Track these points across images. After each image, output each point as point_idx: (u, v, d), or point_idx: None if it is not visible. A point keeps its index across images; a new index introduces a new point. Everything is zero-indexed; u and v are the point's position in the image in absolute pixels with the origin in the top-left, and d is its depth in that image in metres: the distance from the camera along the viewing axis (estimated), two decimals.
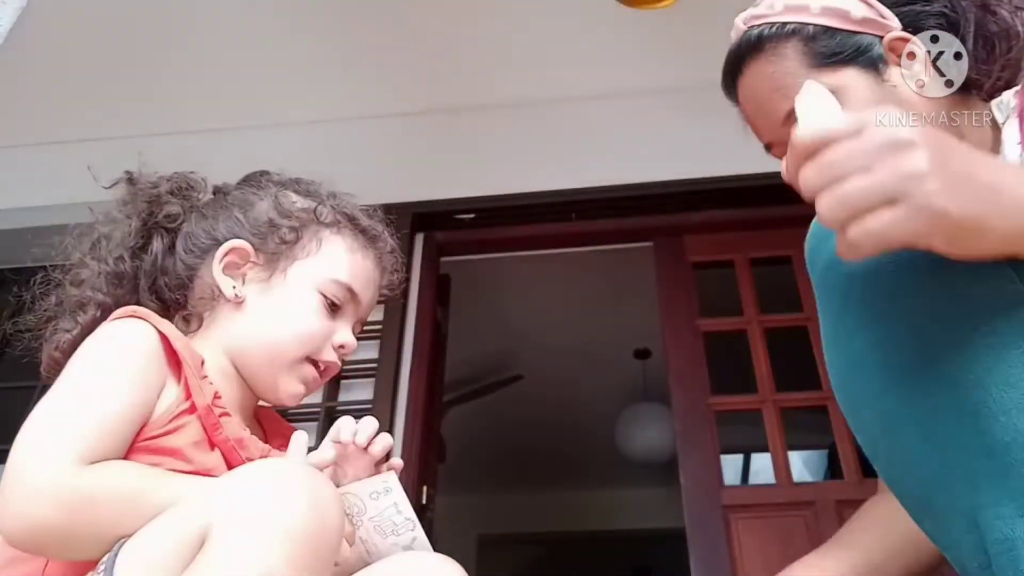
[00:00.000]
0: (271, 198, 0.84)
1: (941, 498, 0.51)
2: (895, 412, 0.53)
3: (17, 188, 2.74)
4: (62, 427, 0.63)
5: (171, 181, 0.83)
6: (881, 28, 0.80)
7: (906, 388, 0.52)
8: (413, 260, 2.48)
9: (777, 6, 0.84)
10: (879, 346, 0.53)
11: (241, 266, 0.78)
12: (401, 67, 2.69)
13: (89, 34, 2.57)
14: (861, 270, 0.53)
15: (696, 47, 2.68)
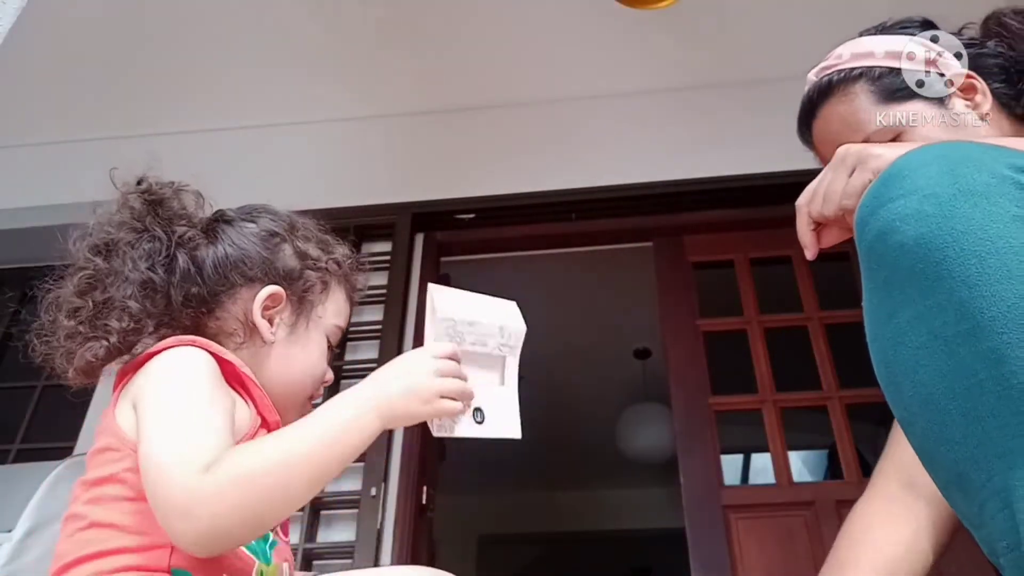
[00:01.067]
0: (292, 242, 0.87)
1: (976, 476, 0.51)
2: (936, 387, 0.53)
3: (17, 188, 2.74)
4: (188, 442, 0.63)
5: (178, 199, 0.83)
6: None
7: (949, 362, 0.52)
8: (413, 260, 2.48)
9: (845, 55, 0.94)
10: (924, 319, 0.54)
11: (272, 308, 0.82)
12: (401, 67, 2.69)
13: (89, 35, 2.57)
14: (912, 241, 0.54)
15: (696, 47, 2.69)
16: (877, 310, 0.59)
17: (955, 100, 0.86)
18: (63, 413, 2.39)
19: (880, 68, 0.89)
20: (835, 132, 0.92)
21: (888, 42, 0.92)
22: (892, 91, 0.88)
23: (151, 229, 0.81)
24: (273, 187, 2.68)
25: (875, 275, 0.58)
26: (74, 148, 2.86)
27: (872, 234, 0.58)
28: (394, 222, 2.49)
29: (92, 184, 2.92)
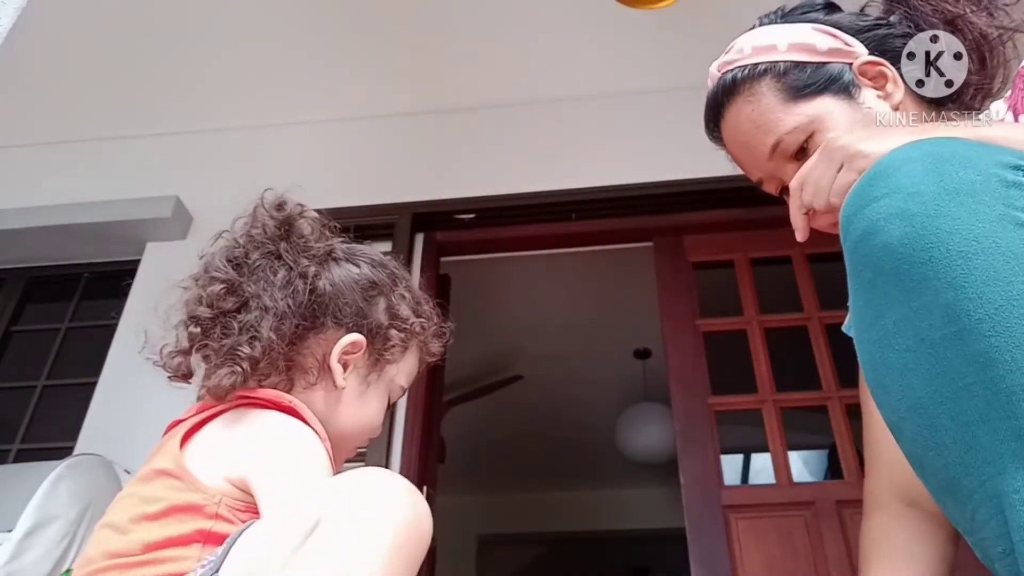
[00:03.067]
0: (388, 298, 0.84)
1: (967, 481, 0.50)
2: (924, 390, 0.52)
3: (18, 188, 2.74)
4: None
5: (306, 224, 0.84)
6: (848, 56, 0.85)
7: (937, 366, 0.51)
8: (413, 260, 2.48)
9: (747, 50, 0.90)
10: (911, 321, 0.52)
11: (351, 355, 0.81)
12: (401, 67, 2.69)
13: (89, 35, 2.57)
14: (896, 240, 0.53)
15: (696, 47, 2.68)
16: (863, 312, 0.58)
17: (865, 91, 0.84)
18: (63, 413, 2.39)
19: (784, 63, 0.85)
20: (745, 134, 0.88)
21: (791, 32, 0.87)
22: (799, 88, 0.84)
23: (284, 257, 0.79)
24: (274, 186, 2.68)
25: (860, 276, 0.57)
26: (74, 148, 2.87)
27: (857, 234, 0.57)
28: (394, 222, 2.49)
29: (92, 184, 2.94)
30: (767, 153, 0.86)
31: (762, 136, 0.86)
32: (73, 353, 2.60)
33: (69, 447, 2.15)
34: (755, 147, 0.88)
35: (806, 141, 0.83)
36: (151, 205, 2.56)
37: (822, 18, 0.89)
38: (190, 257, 2.64)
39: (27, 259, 2.73)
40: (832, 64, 0.85)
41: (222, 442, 0.71)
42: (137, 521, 0.65)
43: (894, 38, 0.86)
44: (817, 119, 0.82)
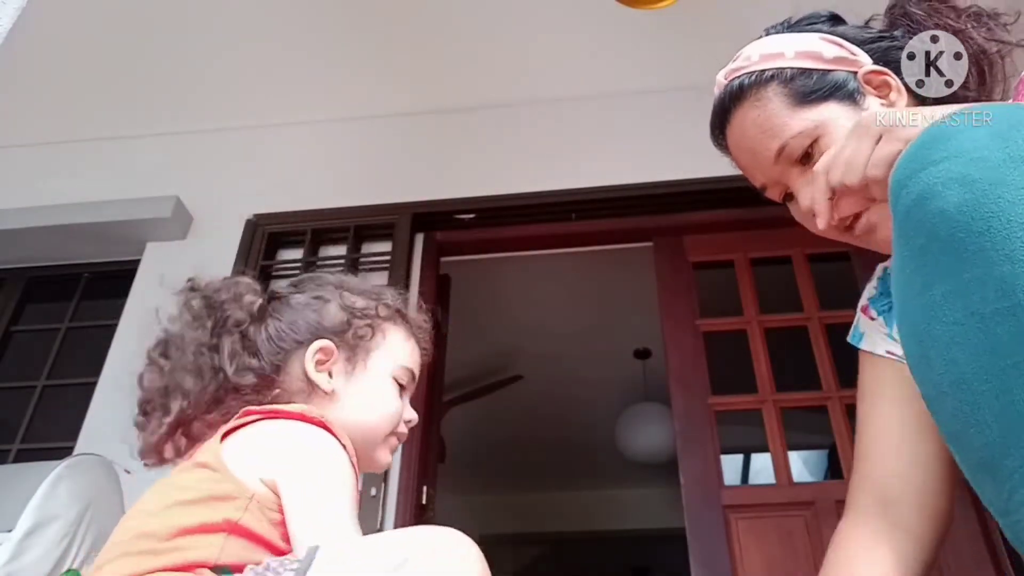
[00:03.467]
0: (338, 299, 0.91)
1: (1007, 461, 0.48)
2: (969, 365, 0.50)
3: (18, 188, 2.74)
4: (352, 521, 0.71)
5: (230, 290, 0.91)
6: (854, 64, 0.86)
7: (986, 341, 0.49)
8: (413, 260, 2.48)
9: (754, 57, 0.91)
10: (962, 293, 0.50)
11: (326, 362, 0.87)
12: (401, 67, 2.69)
13: (89, 35, 2.57)
14: (954, 207, 0.50)
15: (696, 47, 2.68)
16: (911, 280, 0.55)
17: (870, 99, 0.85)
18: (63, 413, 2.39)
19: (791, 69, 0.87)
20: (751, 138, 0.90)
21: (798, 41, 0.90)
22: (805, 94, 0.85)
23: (202, 321, 0.88)
24: (274, 187, 2.69)
25: (911, 242, 0.54)
26: (74, 148, 2.87)
27: (911, 198, 0.53)
28: (394, 222, 2.49)
29: (92, 184, 2.93)
30: (772, 157, 0.87)
31: (768, 140, 0.87)
32: (73, 353, 2.60)
33: (69, 447, 2.15)
34: (760, 152, 0.88)
35: (811, 146, 0.84)
36: (151, 205, 2.57)
37: (827, 29, 0.91)
38: (190, 257, 2.67)
39: (27, 259, 2.73)
40: (838, 72, 0.86)
41: (258, 445, 0.75)
42: (171, 507, 0.68)
43: (897, 50, 0.87)
44: (822, 124, 0.83)
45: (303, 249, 2.49)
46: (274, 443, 0.75)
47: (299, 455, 0.74)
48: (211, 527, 0.66)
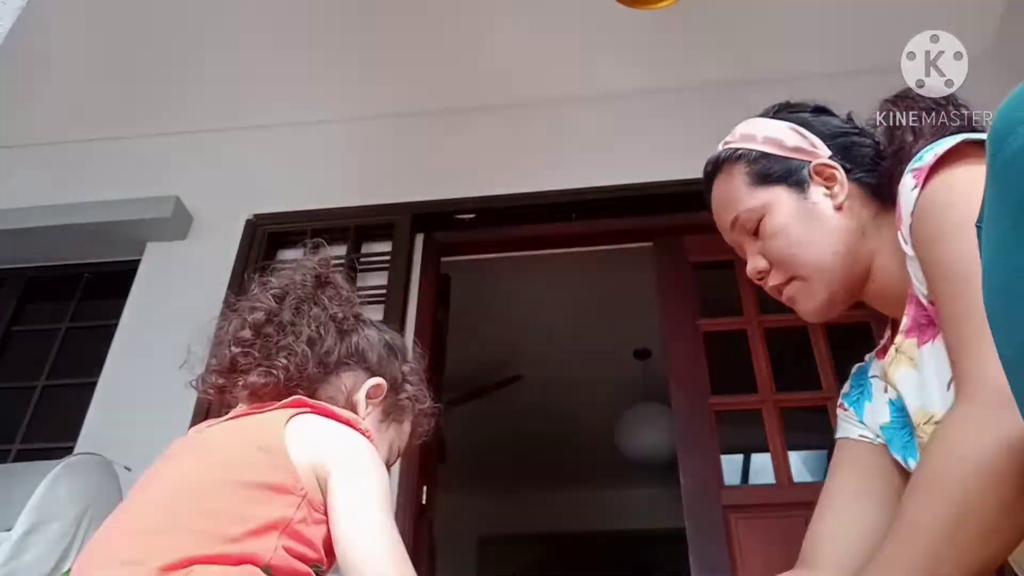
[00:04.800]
0: (402, 362, 0.99)
1: None
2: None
3: (18, 188, 2.74)
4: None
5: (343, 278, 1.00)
6: (809, 155, 0.96)
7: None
8: (413, 260, 2.48)
9: (737, 134, 1.02)
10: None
11: (373, 398, 0.93)
12: (401, 67, 2.69)
13: (89, 35, 2.57)
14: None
15: (696, 47, 2.69)
16: (1004, 237, 0.52)
17: (815, 188, 0.94)
18: (63, 413, 2.39)
19: (756, 152, 0.98)
20: (717, 204, 1.03)
21: (769, 127, 1.00)
22: (762, 175, 0.96)
23: (319, 301, 0.93)
24: (274, 187, 2.69)
25: (1008, 197, 0.52)
26: (74, 148, 2.87)
27: (1012, 150, 0.51)
28: (394, 222, 2.49)
29: (92, 184, 2.93)
30: (729, 225, 1.01)
31: (726, 210, 1.00)
32: (73, 353, 2.60)
33: (69, 447, 2.15)
34: (722, 217, 1.02)
35: (758, 222, 0.96)
36: (151, 205, 2.57)
37: (800, 119, 1.00)
38: (190, 257, 2.66)
39: (27, 259, 2.74)
40: (794, 160, 0.96)
41: (316, 438, 0.79)
42: (235, 486, 0.72)
43: (857, 147, 0.97)
44: (768, 205, 0.95)
45: (303, 249, 2.48)
46: (333, 442, 0.79)
47: (354, 459, 0.78)
48: (270, 526, 0.69)
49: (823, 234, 0.92)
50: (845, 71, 2.56)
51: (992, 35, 2.47)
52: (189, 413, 2.11)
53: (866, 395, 1.01)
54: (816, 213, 0.93)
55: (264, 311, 0.89)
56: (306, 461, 0.75)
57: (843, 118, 1.02)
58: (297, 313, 0.90)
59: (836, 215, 0.93)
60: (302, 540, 0.71)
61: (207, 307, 2.33)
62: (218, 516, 0.69)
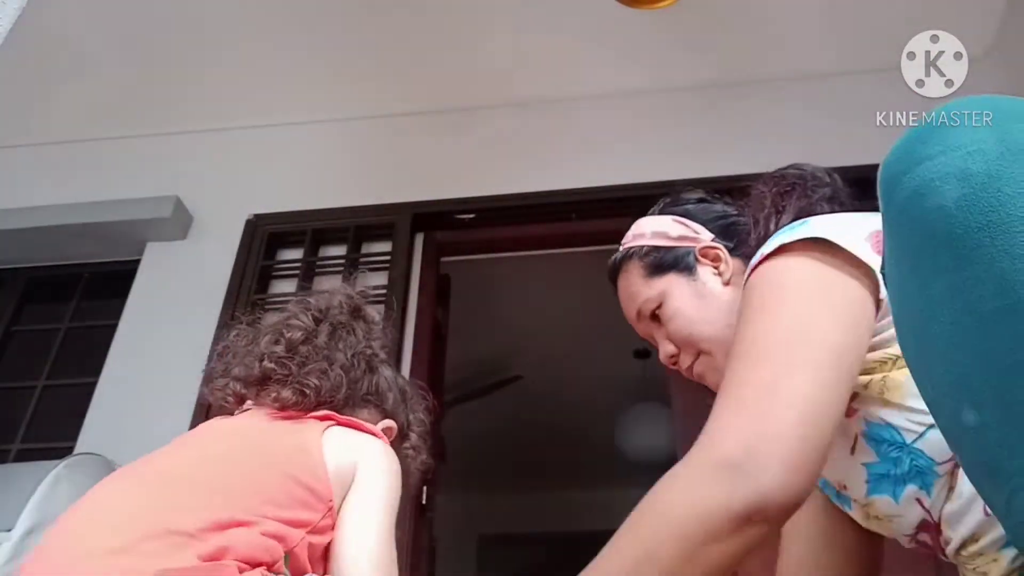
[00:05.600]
0: (409, 409, 1.03)
1: (1007, 464, 0.47)
2: (969, 367, 0.49)
3: (18, 188, 2.74)
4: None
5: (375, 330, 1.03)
6: (693, 241, 1.05)
7: (985, 341, 0.47)
8: (413, 260, 2.48)
9: (631, 233, 1.12)
10: (960, 291, 0.48)
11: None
12: (401, 67, 2.69)
13: (89, 35, 2.57)
14: (952, 203, 0.48)
15: (696, 47, 2.69)
16: (907, 280, 0.53)
17: (703, 269, 1.03)
18: (63, 413, 2.39)
19: (647, 247, 1.06)
20: (622, 299, 1.11)
21: (655, 223, 1.09)
22: (655, 266, 1.05)
23: (355, 332, 0.97)
24: (274, 187, 2.69)
25: (906, 241, 0.53)
26: (74, 148, 2.87)
27: (905, 194, 0.52)
28: (394, 222, 2.49)
29: (92, 184, 2.94)
30: (635, 318, 1.09)
31: (629, 304, 1.08)
32: (73, 353, 2.60)
33: (69, 447, 2.15)
34: (628, 310, 1.10)
35: (657, 309, 1.04)
36: (151, 205, 2.57)
37: (687, 209, 1.10)
38: (190, 257, 2.67)
39: (27, 259, 2.73)
40: (679, 248, 1.05)
41: (350, 447, 0.83)
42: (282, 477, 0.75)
43: (738, 225, 1.06)
44: (664, 293, 1.03)
45: (303, 249, 2.49)
46: (359, 452, 0.83)
47: (375, 465, 0.83)
48: (300, 522, 0.72)
49: (716, 309, 0.99)
50: (845, 71, 2.57)
51: (992, 35, 2.47)
52: (189, 413, 2.11)
53: None
54: (706, 292, 1.01)
55: (302, 330, 0.92)
56: (334, 469, 0.78)
57: (724, 202, 1.13)
58: (332, 338, 0.93)
59: (725, 290, 1.00)
60: (318, 546, 0.74)
61: (207, 307, 2.36)
62: (260, 494, 0.72)
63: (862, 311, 0.74)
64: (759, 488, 0.67)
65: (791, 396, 0.70)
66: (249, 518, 0.68)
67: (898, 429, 0.74)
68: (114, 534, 0.66)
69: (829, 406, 0.70)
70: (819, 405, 0.69)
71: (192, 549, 0.63)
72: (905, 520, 0.78)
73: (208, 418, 2.20)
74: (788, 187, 1.02)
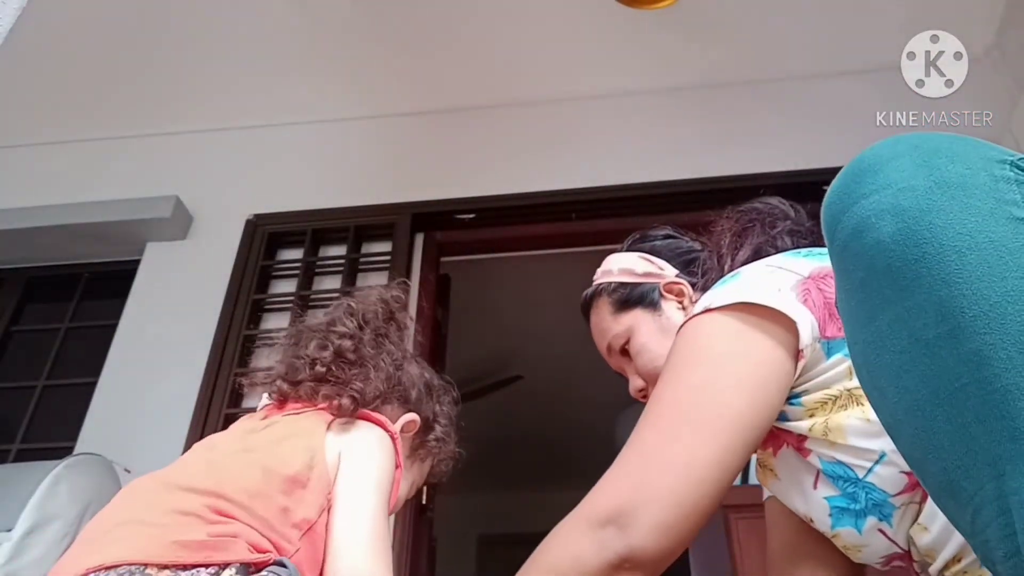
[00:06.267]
0: (436, 403, 1.07)
1: (967, 484, 0.49)
2: (920, 392, 0.50)
3: (18, 188, 2.74)
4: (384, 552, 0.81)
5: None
6: (658, 277, 1.09)
7: (932, 366, 0.49)
8: (413, 260, 2.48)
9: (601, 269, 1.15)
10: (904, 321, 0.51)
11: (405, 432, 0.97)
12: (401, 67, 2.69)
13: (88, 35, 2.57)
14: (889, 238, 0.51)
15: (696, 47, 2.69)
16: (856, 313, 0.56)
17: (667, 304, 1.06)
18: (63, 413, 2.39)
19: (614, 283, 1.10)
20: (595, 335, 1.13)
21: (621, 260, 1.13)
22: (621, 302, 1.08)
23: (390, 335, 1.01)
24: (274, 187, 2.69)
25: (851, 276, 0.56)
26: (74, 148, 2.87)
27: (846, 232, 0.55)
28: (394, 222, 2.50)
29: (92, 184, 2.94)
30: (606, 352, 1.11)
31: (600, 338, 1.11)
32: (73, 353, 2.60)
33: (69, 447, 2.15)
34: (599, 344, 1.13)
35: (626, 344, 1.07)
36: (151, 205, 2.57)
37: (653, 245, 1.14)
38: (190, 257, 2.67)
39: (27, 259, 2.73)
40: (645, 284, 1.08)
41: (336, 438, 0.85)
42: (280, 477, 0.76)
43: (702, 261, 1.10)
44: (631, 328, 1.06)
45: (303, 249, 2.50)
46: (353, 439, 0.86)
47: (366, 450, 0.85)
48: (296, 524, 0.74)
49: None
50: (845, 71, 2.57)
51: (992, 35, 2.47)
52: (189, 413, 2.11)
53: None
54: (671, 326, 1.03)
55: (350, 338, 0.96)
56: (332, 462, 0.81)
57: (689, 238, 1.17)
58: (376, 346, 0.97)
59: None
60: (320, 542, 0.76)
61: (207, 307, 2.36)
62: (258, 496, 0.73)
63: (775, 369, 0.77)
64: (629, 544, 0.72)
65: (671, 463, 0.75)
66: (249, 519, 0.70)
67: (849, 466, 0.77)
68: (127, 511, 0.70)
69: (716, 471, 0.74)
70: (702, 471, 0.73)
71: (203, 528, 0.66)
72: (871, 549, 0.80)
73: (208, 418, 2.19)
74: (748, 223, 1.07)
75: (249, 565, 0.64)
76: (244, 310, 2.34)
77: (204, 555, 0.63)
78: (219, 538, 0.65)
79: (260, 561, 0.65)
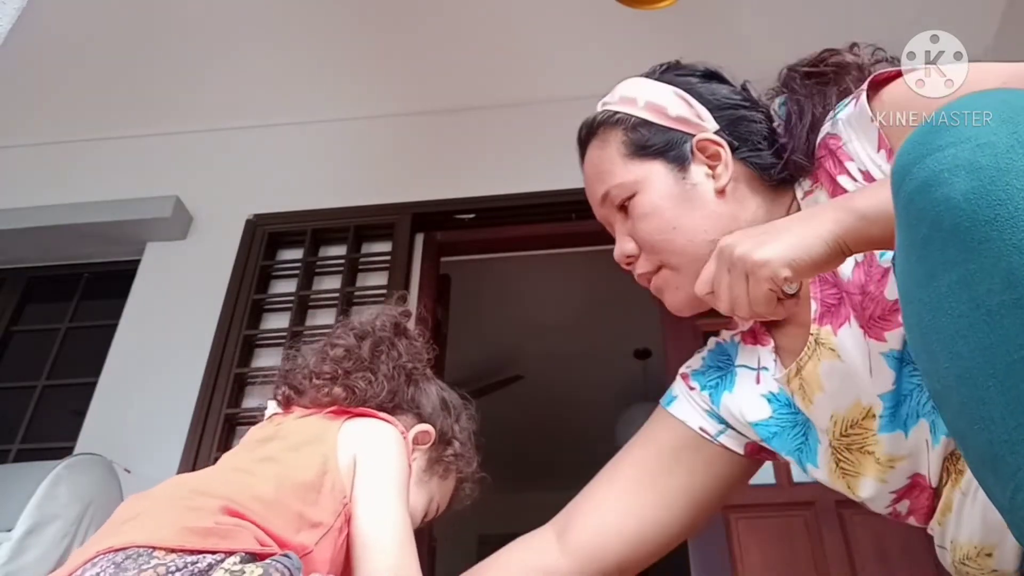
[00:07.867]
0: (455, 421, 1.04)
1: (1011, 459, 0.47)
2: (975, 360, 0.48)
3: (18, 188, 2.74)
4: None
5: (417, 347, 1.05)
6: (694, 127, 0.86)
7: (992, 335, 0.47)
8: (413, 260, 2.48)
9: (616, 95, 0.94)
10: (966, 285, 0.48)
11: (420, 444, 0.96)
12: (401, 67, 2.69)
13: (89, 35, 2.57)
14: (960, 195, 0.48)
15: (696, 47, 2.68)
16: (914, 270, 0.53)
17: (696, 166, 0.85)
18: (63, 413, 2.39)
19: (636, 118, 0.88)
20: (588, 175, 0.93)
21: (652, 91, 0.90)
22: (640, 146, 0.86)
23: (396, 346, 1.00)
24: (274, 187, 2.69)
25: (914, 231, 0.52)
26: (74, 148, 2.87)
27: (914, 185, 0.51)
28: (394, 222, 2.50)
29: (92, 184, 2.94)
30: (599, 200, 0.90)
31: (596, 182, 0.90)
32: (73, 353, 2.60)
33: (69, 447, 2.15)
34: (592, 189, 0.92)
35: (628, 199, 0.86)
36: (151, 205, 2.57)
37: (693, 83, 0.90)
38: (190, 257, 2.67)
39: (27, 259, 2.74)
40: (675, 131, 0.86)
41: (348, 439, 0.85)
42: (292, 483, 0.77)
43: (746, 122, 0.88)
44: (642, 181, 0.85)
45: (303, 249, 2.50)
46: (365, 438, 0.86)
47: (382, 448, 0.85)
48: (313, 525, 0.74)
49: (700, 220, 0.83)
50: None
51: (992, 35, 2.47)
52: (189, 413, 2.11)
53: (726, 384, 0.93)
54: (694, 195, 0.84)
55: (344, 347, 0.97)
56: (345, 464, 0.81)
57: (736, 87, 0.93)
58: (375, 353, 0.97)
59: (716, 200, 0.84)
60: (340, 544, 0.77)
61: (207, 307, 2.36)
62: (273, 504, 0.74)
63: None
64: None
65: None
66: (261, 521, 0.71)
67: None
68: (143, 506, 0.71)
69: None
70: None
71: (212, 518, 0.67)
72: (899, 471, 0.76)
73: (208, 418, 2.19)
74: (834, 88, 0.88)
75: (255, 555, 0.64)
76: (244, 310, 2.34)
77: (211, 542, 0.64)
78: (227, 527, 0.67)
79: (265, 553, 0.65)
